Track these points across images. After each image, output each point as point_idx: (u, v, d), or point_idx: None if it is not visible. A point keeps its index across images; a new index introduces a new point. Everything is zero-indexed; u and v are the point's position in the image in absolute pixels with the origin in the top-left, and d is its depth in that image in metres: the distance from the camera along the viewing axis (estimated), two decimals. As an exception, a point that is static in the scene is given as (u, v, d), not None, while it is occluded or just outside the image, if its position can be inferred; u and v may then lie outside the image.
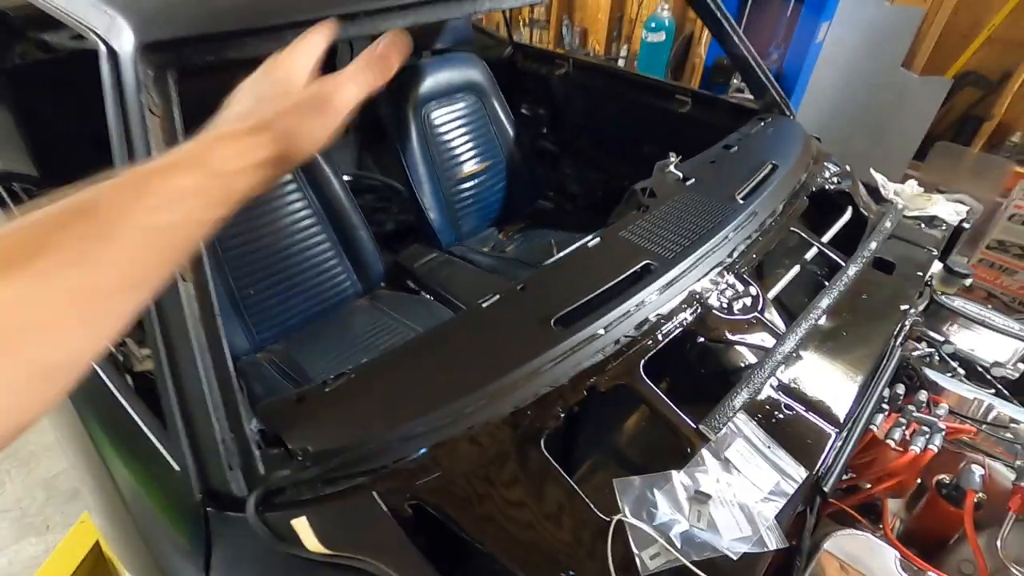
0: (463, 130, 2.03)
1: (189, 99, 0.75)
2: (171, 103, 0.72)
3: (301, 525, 0.63)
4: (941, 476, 0.95)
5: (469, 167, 2.04)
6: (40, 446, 1.90)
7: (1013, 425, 0.99)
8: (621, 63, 4.01)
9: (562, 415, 0.78)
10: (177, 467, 0.69)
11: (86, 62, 1.80)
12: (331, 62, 1.78)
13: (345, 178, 1.75)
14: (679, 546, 0.69)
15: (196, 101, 0.75)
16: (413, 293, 1.82)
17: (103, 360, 0.83)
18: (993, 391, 1.19)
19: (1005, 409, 1.03)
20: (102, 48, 0.72)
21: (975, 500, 0.88)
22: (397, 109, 1.92)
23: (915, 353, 1.23)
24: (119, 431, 0.79)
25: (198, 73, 0.76)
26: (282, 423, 0.71)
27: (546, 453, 0.74)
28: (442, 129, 1.99)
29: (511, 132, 2.12)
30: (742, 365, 0.99)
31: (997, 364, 1.24)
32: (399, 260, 1.89)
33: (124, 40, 0.71)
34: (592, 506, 0.71)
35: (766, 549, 0.70)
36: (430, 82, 1.95)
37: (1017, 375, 1.23)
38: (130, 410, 0.76)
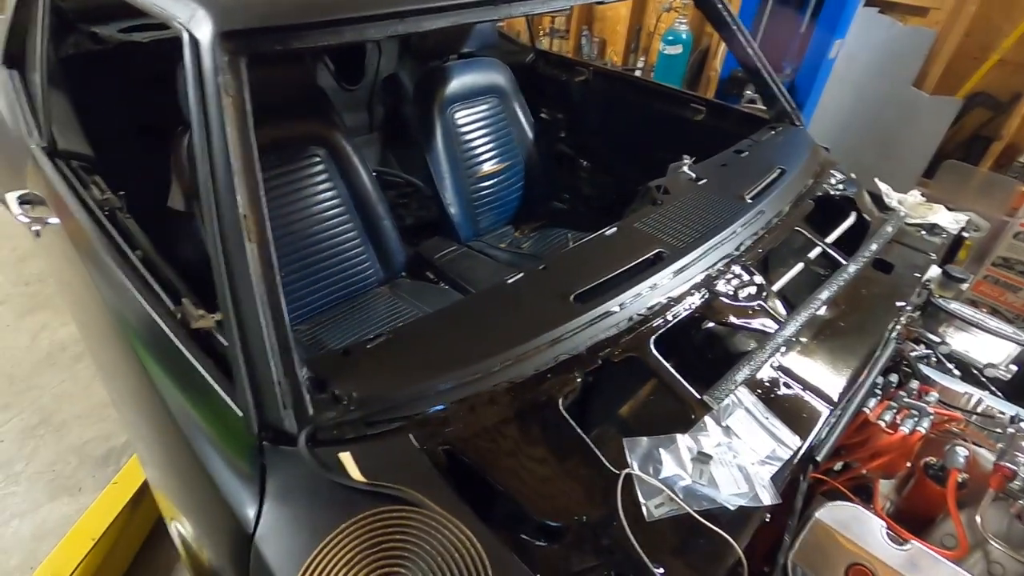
0: (485, 131, 2.12)
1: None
2: (243, 86, 0.81)
3: (346, 458, 0.71)
4: (928, 458, 1.01)
5: (489, 166, 2.13)
6: (71, 415, 1.99)
7: (998, 416, 1.06)
8: (638, 75, 4.10)
9: (579, 380, 0.86)
10: (237, 407, 0.77)
11: (133, 54, 1.91)
12: (360, 62, 1.91)
13: None
14: (682, 497, 0.76)
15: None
16: (433, 283, 1.91)
17: (167, 319, 0.92)
18: (987, 391, 1.25)
19: (991, 402, 1.10)
20: (185, 35, 0.82)
21: (959, 480, 0.95)
22: (423, 109, 2.01)
23: (913, 353, 1.29)
24: (181, 380, 0.87)
25: (265, 61, 0.86)
26: (330, 372, 0.79)
27: (563, 411, 0.82)
28: (465, 129, 2.08)
29: (530, 135, 2.22)
30: (745, 350, 1.06)
31: (990, 365, 1.31)
32: (420, 251, 1.98)
33: (204, 29, 0.81)
34: (604, 460, 0.79)
35: (761, 504, 0.77)
36: (456, 84, 2.04)
37: (1009, 376, 1.29)
38: (193, 360, 0.85)
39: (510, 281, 0.98)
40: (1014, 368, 1.29)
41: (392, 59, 2.48)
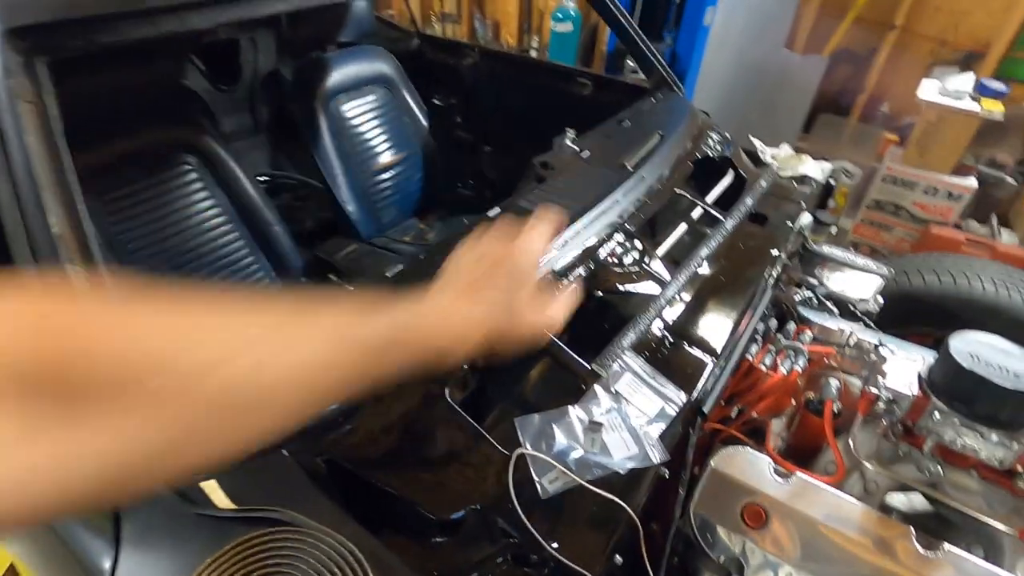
0: (375, 122, 2.05)
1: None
2: (43, 90, 0.71)
3: (210, 486, 0.65)
4: (809, 393, 1.08)
5: (384, 159, 2.06)
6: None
7: (866, 345, 1.14)
8: (534, 54, 4.12)
9: (465, 368, 0.84)
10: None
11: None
12: (234, 59, 1.77)
13: (260, 178, 1.73)
14: (575, 469, 0.77)
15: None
16: (335, 286, 1.83)
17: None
18: (862, 324, 1.35)
19: (861, 334, 1.19)
20: (-38, 36, 0.71)
21: (835, 410, 1.02)
22: (304, 104, 1.91)
23: (796, 297, 1.38)
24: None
25: (79, 63, 0.76)
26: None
27: (451, 401, 0.80)
28: (354, 122, 2.00)
29: (424, 122, 2.16)
30: (636, 314, 1.08)
31: (862, 300, 1.42)
32: (318, 253, 1.89)
33: (-14, 27, 0.70)
34: (496, 444, 0.77)
35: (652, 463, 0.79)
36: (337, 75, 1.95)
37: (878, 308, 1.41)
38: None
39: (389, 275, 0.94)
40: (881, 300, 1.41)
41: (271, 55, 2.33)
